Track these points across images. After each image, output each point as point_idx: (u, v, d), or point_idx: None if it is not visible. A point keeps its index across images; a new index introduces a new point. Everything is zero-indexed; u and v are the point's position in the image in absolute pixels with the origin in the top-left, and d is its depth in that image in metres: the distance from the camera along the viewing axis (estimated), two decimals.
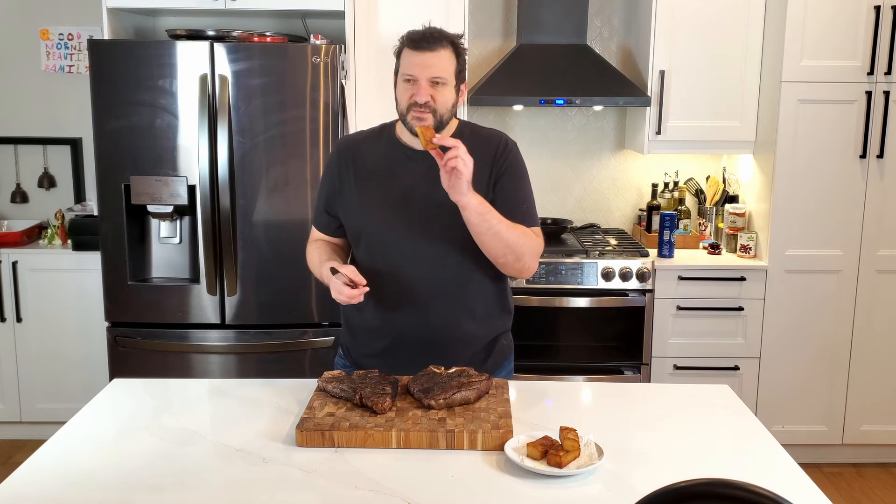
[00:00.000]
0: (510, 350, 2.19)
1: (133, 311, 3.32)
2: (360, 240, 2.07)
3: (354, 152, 2.07)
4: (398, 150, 2.02)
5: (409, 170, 2.00)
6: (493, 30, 3.94)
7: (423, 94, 1.89)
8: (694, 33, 3.57)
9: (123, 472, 1.57)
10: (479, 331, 2.08)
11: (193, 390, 2.05)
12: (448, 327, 2.03)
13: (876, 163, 3.45)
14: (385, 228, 2.01)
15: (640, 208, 4.05)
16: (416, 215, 1.99)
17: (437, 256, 2.00)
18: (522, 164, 2.07)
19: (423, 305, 2.02)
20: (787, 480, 1.56)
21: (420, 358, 1.98)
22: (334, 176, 2.08)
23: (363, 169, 2.04)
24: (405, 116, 1.93)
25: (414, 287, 2.01)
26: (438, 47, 1.90)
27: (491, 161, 2.01)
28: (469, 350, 2.06)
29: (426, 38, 1.90)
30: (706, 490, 0.89)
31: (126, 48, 3.22)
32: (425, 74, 1.89)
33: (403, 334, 2.05)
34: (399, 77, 1.95)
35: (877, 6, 3.34)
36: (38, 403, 3.72)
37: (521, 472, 1.56)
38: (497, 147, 2.03)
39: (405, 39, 1.94)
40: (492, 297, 2.09)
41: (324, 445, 1.66)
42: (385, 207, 2.01)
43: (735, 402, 1.95)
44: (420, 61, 1.90)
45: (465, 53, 1.98)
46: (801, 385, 3.58)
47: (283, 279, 3.28)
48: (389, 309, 2.03)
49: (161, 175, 3.21)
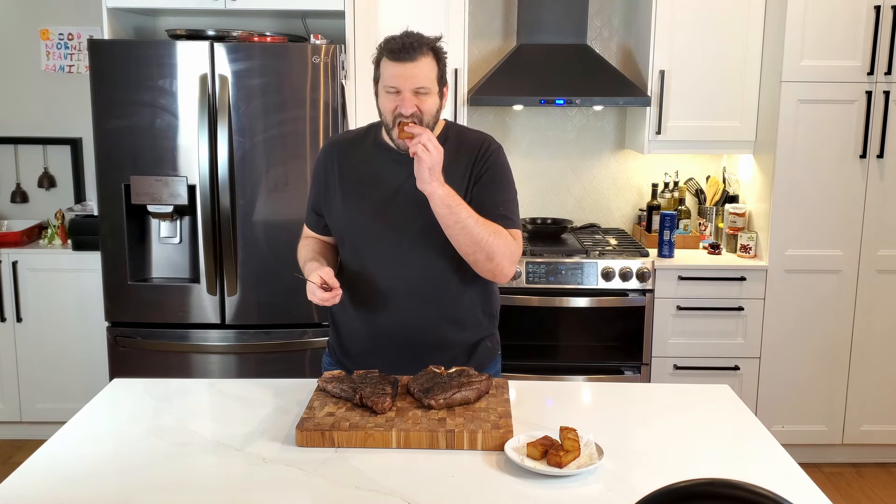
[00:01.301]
0: (496, 353, 2.16)
1: (133, 311, 3.32)
2: (345, 241, 2.06)
3: (340, 153, 2.06)
4: (383, 153, 2.01)
5: (393, 173, 1.99)
6: (493, 30, 3.94)
7: (408, 106, 1.86)
8: (694, 33, 3.57)
9: (123, 472, 1.57)
10: (460, 335, 2.06)
11: (193, 390, 2.05)
12: (429, 330, 2.02)
13: (876, 163, 3.45)
14: (368, 230, 2.00)
15: (640, 208, 4.05)
16: (399, 218, 1.97)
17: (419, 260, 1.98)
18: (506, 166, 2.03)
19: (404, 308, 2.00)
20: (787, 480, 1.56)
21: (399, 360, 1.99)
22: (321, 176, 2.08)
23: (348, 170, 2.03)
24: (391, 129, 1.91)
25: (396, 289, 2.00)
26: (419, 55, 1.85)
27: (472, 163, 1.99)
28: (449, 353, 2.04)
29: (406, 48, 1.84)
30: (706, 490, 0.89)
31: (126, 48, 3.22)
32: (408, 86, 1.86)
33: (383, 336, 2.04)
34: (381, 87, 1.91)
35: (877, 6, 3.34)
36: (38, 403, 3.72)
37: (521, 472, 1.56)
38: (479, 149, 2.00)
39: (383, 48, 1.89)
40: (476, 301, 2.07)
41: (324, 445, 1.66)
42: (368, 209, 2.00)
43: (735, 402, 1.95)
44: (402, 72, 1.85)
45: (445, 57, 1.93)
46: (801, 385, 3.58)
47: (283, 279, 3.27)
48: (371, 310, 2.03)
49: (161, 175, 3.21)
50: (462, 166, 1.95)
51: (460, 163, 1.95)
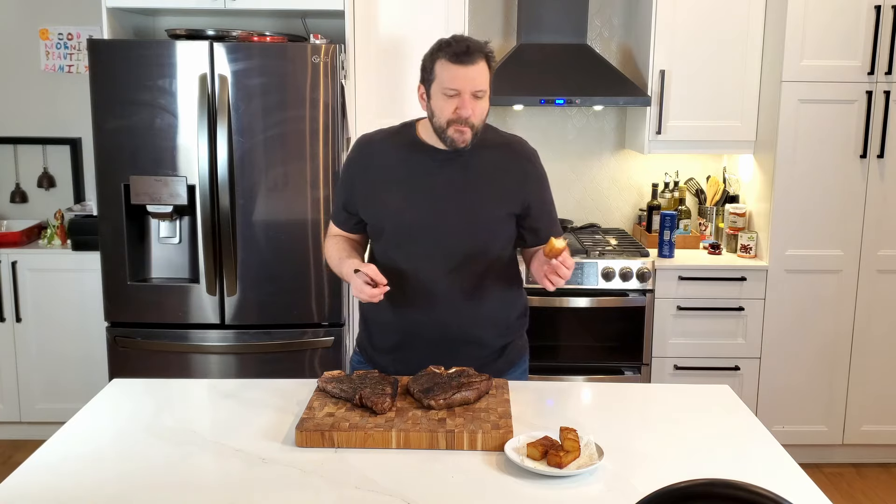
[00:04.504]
0: (525, 349, 2.21)
1: (133, 311, 3.32)
2: (381, 237, 2.08)
3: (375, 151, 2.08)
4: (420, 151, 2.02)
5: (431, 171, 2.01)
6: (493, 29, 3.94)
7: (467, 107, 1.89)
8: (694, 33, 3.57)
9: (123, 471, 1.57)
10: (492, 333, 2.10)
11: (193, 390, 2.05)
12: (461, 328, 2.05)
13: (876, 163, 3.44)
14: (404, 227, 2.02)
15: (641, 208, 4.05)
16: (435, 216, 2.00)
17: (453, 258, 2.01)
18: (545, 172, 2.13)
19: (436, 305, 2.03)
20: (787, 480, 1.56)
21: (430, 356, 2.00)
22: (352, 173, 2.09)
23: (384, 168, 2.05)
24: (446, 130, 1.92)
25: (428, 286, 2.02)
26: (478, 59, 1.89)
27: (519, 171, 2.06)
28: (483, 351, 2.08)
29: (468, 51, 1.87)
30: (706, 490, 0.89)
31: (126, 48, 3.21)
32: (469, 88, 1.89)
33: (414, 332, 2.06)
34: (437, 89, 1.91)
35: (877, 6, 3.33)
36: (37, 403, 3.72)
37: (521, 473, 1.56)
38: (526, 156, 2.09)
39: (442, 52, 1.90)
40: (508, 301, 2.12)
41: (323, 446, 1.66)
42: (405, 206, 2.01)
43: (735, 402, 1.95)
44: (464, 75, 1.88)
45: (494, 62, 1.98)
46: (801, 385, 3.58)
47: (283, 279, 3.28)
48: (403, 305, 2.05)
49: (161, 175, 3.21)
50: (509, 173, 2.03)
51: (506, 168, 2.03)
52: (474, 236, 1.99)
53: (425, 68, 1.95)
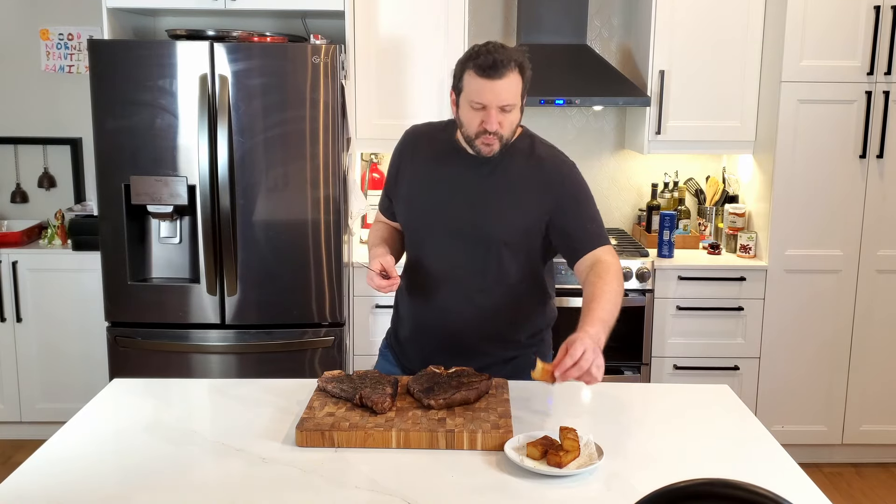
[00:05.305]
0: (548, 348, 2.17)
1: (133, 311, 3.32)
2: (406, 229, 2.11)
3: (418, 143, 2.09)
4: (454, 152, 2.02)
5: (460, 173, 2.01)
6: (493, 30, 3.94)
7: (493, 123, 1.87)
8: (694, 33, 3.57)
9: (123, 472, 1.57)
10: (499, 347, 2.09)
11: (193, 390, 2.05)
12: (468, 335, 2.05)
13: (876, 163, 3.45)
14: (426, 223, 2.04)
15: (640, 208, 4.05)
16: (458, 219, 2.00)
17: (476, 260, 2.01)
18: (583, 183, 2.02)
19: (447, 309, 2.04)
20: (787, 480, 1.56)
21: (440, 355, 2.01)
22: (397, 161, 2.12)
23: (421, 161, 2.07)
24: (473, 140, 1.92)
25: (440, 287, 2.04)
26: (507, 72, 1.84)
27: (547, 184, 1.98)
28: (487, 359, 2.06)
29: (495, 64, 1.82)
30: (706, 490, 0.89)
31: (126, 48, 3.21)
32: (495, 102, 1.86)
33: (426, 329, 2.09)
34: (465, 101, 1.89)
35: (877, 6, 3.34)
36: (38, 403, 3.72)
37: (521, 472, 1.56)
38: (556, 175, 1.99)
39: (471, 62, 1.86)
40: (520, 318, 2.09)
41: (324, 445, 1.66)
42: (429, 203, 2.03)
43: (735, 402, 1.95)
44: (491, 89, 1.84)
45: (529, 70, 1.93)
46: (800, 385, 3.58)
47: (283, 279, 3.28)
48: (419, 301, 2.08)
49: (161, 175, 3.21)
50: (539, 189, 1.97)
51: (537, 182, 1.98)
52: (493, 241, 1.98)
53: (456, 76, 1.92)
